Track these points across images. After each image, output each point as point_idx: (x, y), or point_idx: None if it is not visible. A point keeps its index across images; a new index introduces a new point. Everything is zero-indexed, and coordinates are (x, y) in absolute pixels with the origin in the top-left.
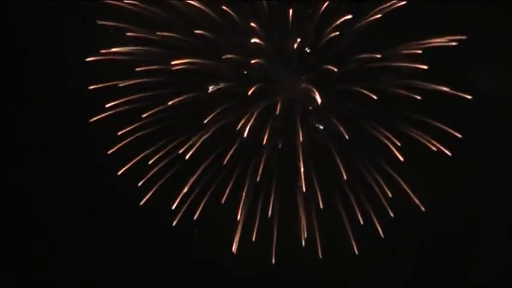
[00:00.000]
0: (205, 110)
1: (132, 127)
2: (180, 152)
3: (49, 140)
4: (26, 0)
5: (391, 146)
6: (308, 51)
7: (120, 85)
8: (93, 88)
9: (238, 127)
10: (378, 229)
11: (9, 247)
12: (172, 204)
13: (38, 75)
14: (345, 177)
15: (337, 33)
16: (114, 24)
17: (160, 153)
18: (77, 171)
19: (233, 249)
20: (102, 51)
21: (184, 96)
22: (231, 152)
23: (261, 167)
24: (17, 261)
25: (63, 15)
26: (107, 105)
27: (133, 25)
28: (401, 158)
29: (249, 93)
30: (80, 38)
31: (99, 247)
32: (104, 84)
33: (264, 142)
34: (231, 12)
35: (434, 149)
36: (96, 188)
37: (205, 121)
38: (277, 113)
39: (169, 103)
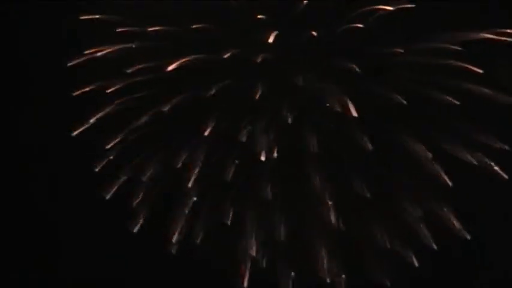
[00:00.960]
0: (203, 114)
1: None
2: (179, 166)
3: (49, 140)
4: (26, 0)
5: (425, 160)
6: (323, 45)
7: (108, 91)
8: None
9: (241, 136)
10: (411, 257)
11: (9, 247)
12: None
13: (38, 75)
14: (368, 195)
15: (360, 25)
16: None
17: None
18: (78, 171)
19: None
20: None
21: (180, 98)
22: (233, 164)
23: (268, 183)
24: (17, 261)
25: (63, 15)
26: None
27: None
28: (447, 180)
29: (257, 96)
30: (81, 37)
31: (99, 247)
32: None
33: (275, 154)
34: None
35: (475, 163)
36: (97, 188)
37: (206, 133)
38: (288, 119)
39: (165, 109)
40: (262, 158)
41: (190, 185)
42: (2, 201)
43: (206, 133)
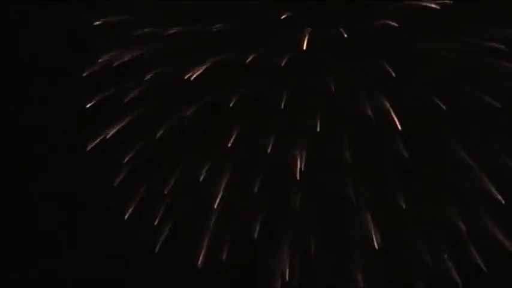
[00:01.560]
0: (225, 123)
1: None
2: (201, 179)
3: (49, 140)
4: (26, 0)
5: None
6: (352, 44)
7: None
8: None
9: (268, 146)
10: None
11: (9, 247)
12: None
13: (38, 75)
14: (404, 206)
15: (395, 24)
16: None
17: None
18: (78, 171)
19: None
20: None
21: (200, 105)
22: (261, 179)
23: (298, 194)
24: (17, 261)
25: (63, 15)
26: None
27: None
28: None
29: (283, 101)
30: (81, 38)
31: (99, 247)
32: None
33: (298, 171)
34: None
35: None
36: (98, 189)
37: (229, 143)
38: (317, 127)
39: (186, 114)
40: (297, 177)
41: (215, 205)
42: (2, 201)
43: (229, 144)
